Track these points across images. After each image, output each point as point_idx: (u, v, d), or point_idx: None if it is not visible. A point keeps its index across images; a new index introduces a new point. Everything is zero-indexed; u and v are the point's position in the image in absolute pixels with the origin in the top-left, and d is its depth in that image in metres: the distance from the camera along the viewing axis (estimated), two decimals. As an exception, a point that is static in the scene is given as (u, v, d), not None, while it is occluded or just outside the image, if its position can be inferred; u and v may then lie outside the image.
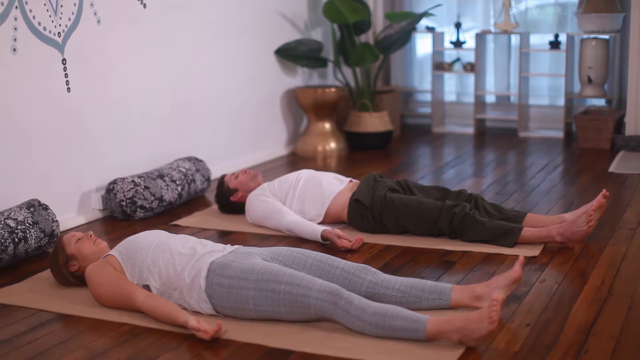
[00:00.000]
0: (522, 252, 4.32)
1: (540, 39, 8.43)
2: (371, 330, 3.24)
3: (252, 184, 5.16)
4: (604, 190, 4.47)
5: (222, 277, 3.47)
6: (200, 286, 3.50)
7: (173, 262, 3.59)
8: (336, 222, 4.92)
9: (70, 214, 5.19)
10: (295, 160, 7.18)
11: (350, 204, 4.80)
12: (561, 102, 8.25)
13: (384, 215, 4.69)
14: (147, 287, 3.63)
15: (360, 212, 4.77)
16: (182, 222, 5.16)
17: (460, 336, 3.14)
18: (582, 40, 7.80)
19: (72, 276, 3.89)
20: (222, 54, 6.67)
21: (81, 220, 5.21)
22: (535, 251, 4.33)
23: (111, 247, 3.91)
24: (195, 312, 3.55)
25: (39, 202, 4.61)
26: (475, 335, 3.11)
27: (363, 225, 4.78)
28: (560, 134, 8.04)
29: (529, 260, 4.21)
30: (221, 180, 5.25)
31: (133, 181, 5.26)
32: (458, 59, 8.61)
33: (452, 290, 3.50)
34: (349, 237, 4.54)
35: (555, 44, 8.07)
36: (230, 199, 5.18)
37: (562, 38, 8.11)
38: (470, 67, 8.40)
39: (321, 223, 4.88)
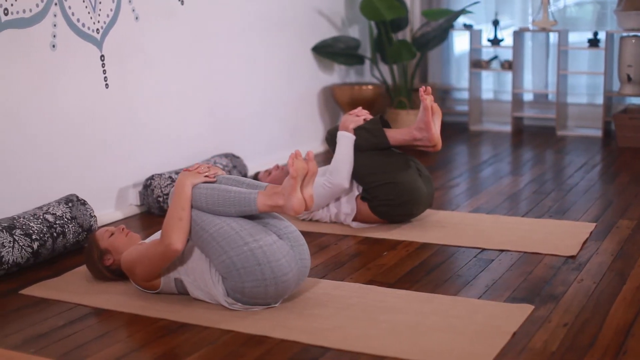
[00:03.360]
0: (556, 250, 4.29)
1: (579, 37, 8.36)
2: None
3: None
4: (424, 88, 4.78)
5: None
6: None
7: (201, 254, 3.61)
8: (372, 222, 4.90)
9: (108, 209, 5.22)
10: (332, 157, 7.16)
11: (372, 209, 4.82)
12: (600, 100, 8.17)
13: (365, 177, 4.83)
14: (179, 281, 3.65)
15: (382, 207, 4.80)
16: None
17: (283, 199, 3.46)
18: (622, 38, 7.72)
19: (107, 270, 3.92)
20: (259, 51, 6.68)
21: (118, 215, 5.24)
22: (573, 250, 4.30)
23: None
24: (222, 307, 3.57)
25: (77, 197, 4.64)
26: (293, 193, 3.45)
27: (391, 212, 4.82)
28: (598, 133, 7.97)
29: (566, 259, 4.18)
30: (254, 177, 5.39)
31: (170, 177, 5.28)
32: (496, 57, 8.56)
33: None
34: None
35: (594, 42, 8.00)
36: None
37: (601, 36, 8.03)
38: (508, 65, 8.34)
39: (354, 220, 4.88)
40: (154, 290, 3.73)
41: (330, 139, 4.94)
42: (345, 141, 4.79)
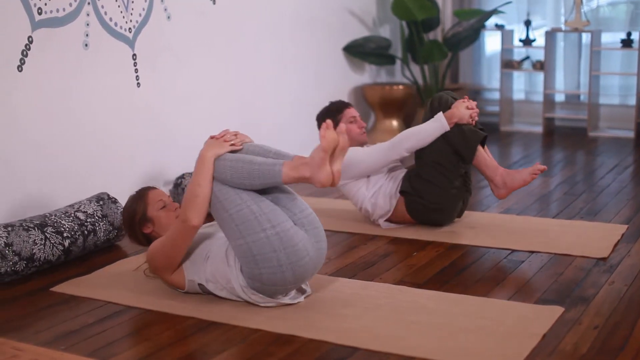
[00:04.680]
0: (587, 252, 4.27)
1: (611, 37, 8.30)
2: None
3: (359, 138, 5.03)
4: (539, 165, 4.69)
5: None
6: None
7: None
8: (401, 222, 4.88)
9: (139, 207, 5.24)
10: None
11: (408, 204, 4.79)
12: (632, 101, 8.12)
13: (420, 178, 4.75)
14: (202, 286, 3.65)
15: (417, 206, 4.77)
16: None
17: (309, 170, 3.41)
18: (655, 39, 7.67)
19: (142, 235, 3.86)
20: (290, 50, 6.69)
21: (149, 214, 5.26)
22: (604, 252, 4.27)
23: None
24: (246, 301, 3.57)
25: (108, 195, 4.67)
26: (320, 163, 3.39)
27: (423, 213, 4.79)
28: (631, 134, 7.92)
29: (597, 261, 4.15)
30: (341, 107, 5.05)
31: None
32: (527, 57, 8.52)
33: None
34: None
35: (627, 42, 7.94)
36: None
37: (635, 36, 7.97)
38: (539, 65, 8.30)
39: (388, 220, 4.86)
40: (181, 289, 3.74)
41: (437, 107, 4.74)
42: (437, 126, 4.64)
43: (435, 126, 4.65)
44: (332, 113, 4.98)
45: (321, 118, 5.01)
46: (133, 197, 3.91)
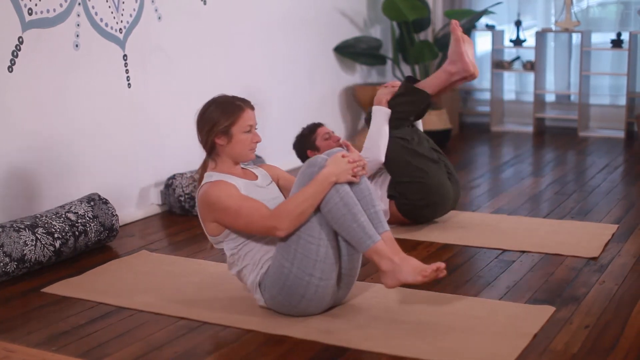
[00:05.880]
0: (578, 252, 4.27)
1: (602, 38, 8.32)
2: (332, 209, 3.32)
3: None
4: None
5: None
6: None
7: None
8: (393, 223, 4.87)
9: (130, 208, 5.24)
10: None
11: (399, 207, 4.80)
12: (622, 101, 8.14)
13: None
14: (225, 255, 3.56)
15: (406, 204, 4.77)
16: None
17: (390, 268, 3.33)
18: (645, 39, 7.69)
19: (211, 142, 3.59)
20: (281, 51, 6.68)
21: (140, 214, 5.25)
22: (595, 252, 4.28)
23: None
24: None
25: (99, 196, 4.66)
26: (400, 277, 3.33)
27: (416, 212, 4.80)
28: (621, 134, 7.93)
29: (588, 261, 4.16)
30: (313, 128, 5.07)
31: (192, 177, 5.29)
32: (518, 57, 8.53)
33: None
34: None
35: (617, 43, 7.96)
36: (307, 152, 5.04)
37: (625, 36, 7.99)
38: (530, 66, 8.32)
39: (388, 222, 4.85)
40: (210, 234, 3.54)
41: (368, 118, 4.87)
42: (380, 114, 4.72)
43: (378, 116, 4.80)
44: (305, 137, 5.06)
45: (298, 146, 5.11)
46: (226, 105, 3.64)
